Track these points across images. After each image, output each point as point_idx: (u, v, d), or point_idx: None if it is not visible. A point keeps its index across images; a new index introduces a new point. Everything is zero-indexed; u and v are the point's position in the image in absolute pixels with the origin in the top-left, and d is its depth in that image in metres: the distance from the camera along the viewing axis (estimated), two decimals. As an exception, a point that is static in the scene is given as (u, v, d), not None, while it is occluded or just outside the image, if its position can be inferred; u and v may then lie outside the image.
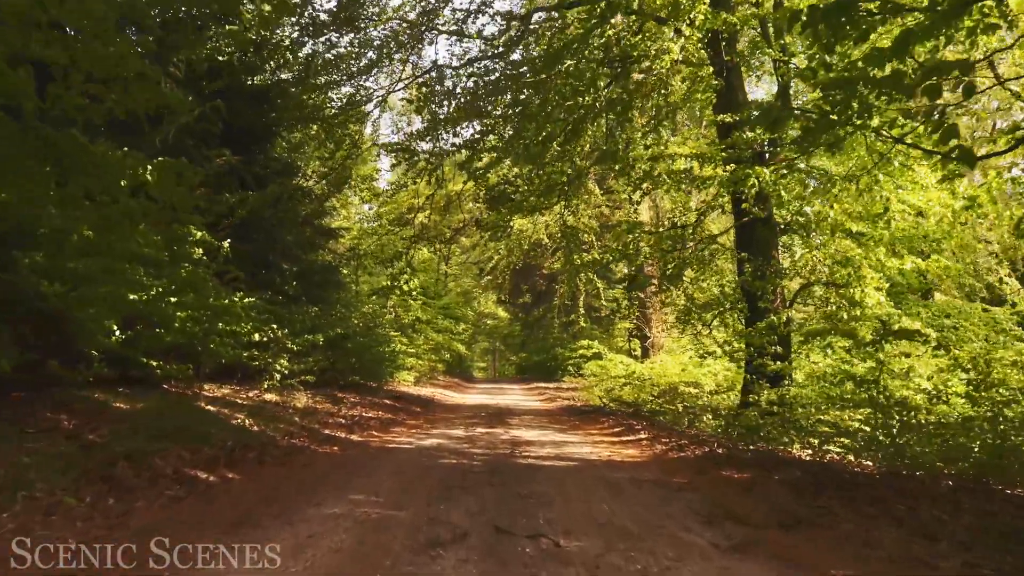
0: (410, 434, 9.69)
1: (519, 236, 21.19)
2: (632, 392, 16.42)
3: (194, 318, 8.69)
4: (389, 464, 6.73)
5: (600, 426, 11.60)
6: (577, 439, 9.53)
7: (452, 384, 24.40)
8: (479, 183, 14.73)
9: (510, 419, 12.74)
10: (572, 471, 6.56)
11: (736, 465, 6.75)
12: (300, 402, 11.14)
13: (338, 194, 14.27)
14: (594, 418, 12.89)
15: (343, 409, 11.59)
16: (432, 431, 10.14)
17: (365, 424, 10.36)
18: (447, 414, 13.87)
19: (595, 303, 28.03)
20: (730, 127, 11.01)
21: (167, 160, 6.64)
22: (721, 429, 10.65)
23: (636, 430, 10.30)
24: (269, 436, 7.74)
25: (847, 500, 4.96)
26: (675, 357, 17.05)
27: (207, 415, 8.04)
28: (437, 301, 27.01)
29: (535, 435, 9.90)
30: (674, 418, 11.68)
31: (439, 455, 7.48)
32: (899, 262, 11.39)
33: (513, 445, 8.53)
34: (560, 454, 7.85)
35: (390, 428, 10.38)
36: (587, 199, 17.62)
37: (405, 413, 13.09)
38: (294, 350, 11.87)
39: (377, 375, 16.59)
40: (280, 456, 6.77)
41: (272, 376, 11.33)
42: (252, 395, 10.75)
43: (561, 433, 10.42)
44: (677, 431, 10.20)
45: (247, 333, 9.66)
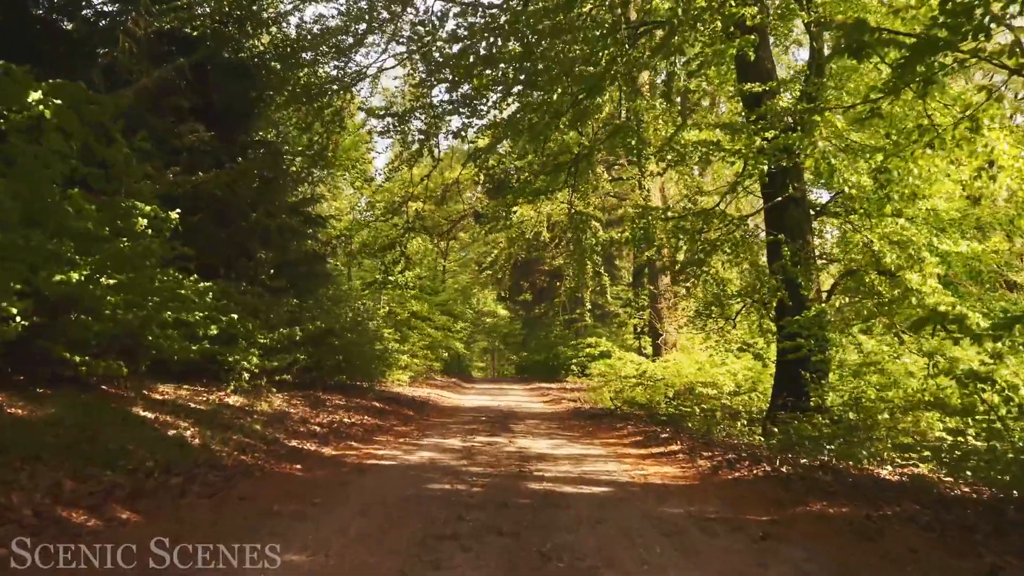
0: (396, 445, 7.87)
1: (520, 226, 19.37)
2: (644, 393, 14.63)
3: (130, 303, 6.88)
4: (360, 493, 4.92)
5: (618, 433, 9.79)
6: (597, 451, 7.73)
7: (449, 384, 22.57)
8: (479, 164, 12.97)
9: (514, 424, 10.93)
10: (607, 504, 4.75)
11: (819, 492, 4.96)
12: (271, 405, 9.33)
13: (320, 170, 12.46)
14: (609, 424, 11.09)
15: (322, 414, 9.77)
16: (423, 441, 8.33)
17: (344, 432, 8.55)
18: (443, 418, 12.06)
19: (599, 300, 26.21)
20: (759, 98, 9.40)
21: (64, 82, 4.85)
22: (764, 437, 8.86)
23: (663, 439, 8.50)
24: (212, 453, 5.92)
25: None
26: (691, 355, 15.23)
27: (136, 425, 6.22)
28: (434, 297, 25.18)
29: (546, 446, 8.10)
30: (704, 424, 9.86)
31: (428, 477, 5.67)
32: (955, 245, 9.65)
33: (521, 461, 6.72)
34: (583, 474, 6.04)
35: (374, 437, 8.56)
36: (594, 184, 15.81)
37: (395, 418, 11.28)
38: (267, 346, 10.06)
39: (367, 374, 14.78)
40: (215, 483, 4.94)
41: (239, 376, 9.52)
42: (214, 398, 8.95)
43: (576, 443, 8.62)
44: (712, 441, 8.41)
45: (202, 324, 7.83)
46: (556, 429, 10.48)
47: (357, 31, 11.93)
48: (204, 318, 7.74)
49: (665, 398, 13.57)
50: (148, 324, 6.95)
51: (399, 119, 10.95)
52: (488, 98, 11.52)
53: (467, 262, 31.13)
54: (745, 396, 12.65)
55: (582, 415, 13.33)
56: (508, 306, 33.51)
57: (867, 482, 5.30)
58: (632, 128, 12.07)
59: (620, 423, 11.06)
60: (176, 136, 10.76)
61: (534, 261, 30.10)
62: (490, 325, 34.85)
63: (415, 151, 11.35)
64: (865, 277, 10.42)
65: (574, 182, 13.44)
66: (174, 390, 8.83)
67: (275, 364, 9.81)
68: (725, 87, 13.87)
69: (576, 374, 23.38)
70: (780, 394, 10.15)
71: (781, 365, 10.51)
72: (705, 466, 6.44)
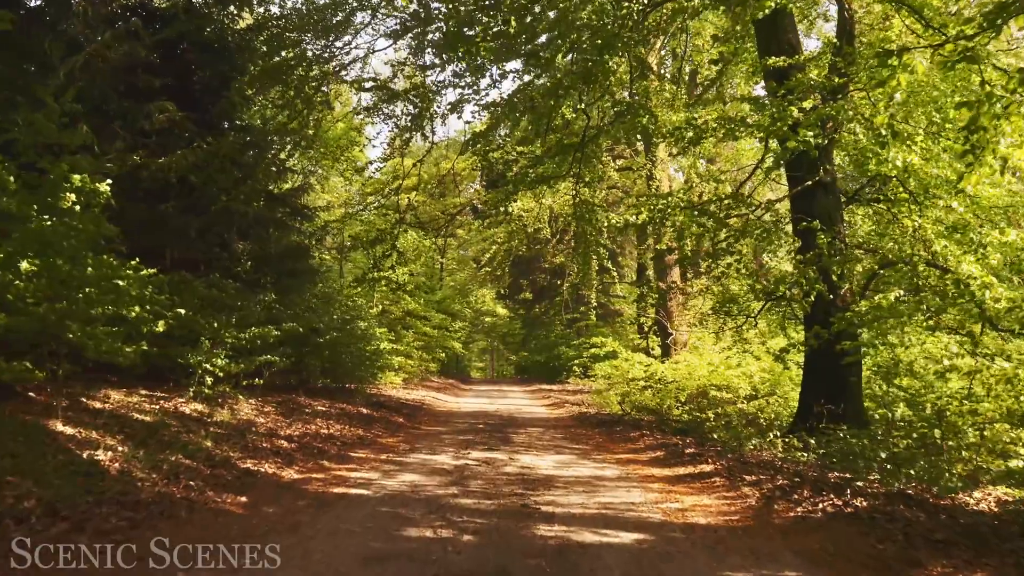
0: (376, 464, 6.50)
1: (521, 220, 17.99)
2: (655, 397, 13.26)
3: (51, 293, 5.54)
4: (306, 555, 3.55)
5: (633, 446, 8.45)
6: (613, 472, 6.36)
7: (446, 386, 21.19)
8: (476, 152, 11.65)
9: (514, 434, 9.58)
10: (645, 561, 3.39)
11: (924, 540, 3.61)
12: (235, 415, 7.97)
13: (302, 152, 11.09)
14: (621, 433, 9.74)
15: (295, 424, 8.40)
16: (409, 459, 6.95)
17: (316, 448, 7.17)
18: (435, 426, 10.70)
19: (602, 299, 24.85)
20: (784, 73, 8.20)
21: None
22: (801, 451, 7.48)
23: (689, 456, 7.14)
24: (131, 482, 4.55)
25: None
26: (702, 356, 13.84)
27: (40, 445, 4.85)
28: (431, 295, 23.80)
29: (553, 464, 6.74)
30: (728, 434, 8.47)
31: (406, 518, 4.30)
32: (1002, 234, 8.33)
33: (525, 488, 5.36)
34: (604, 509, 4.68)
35: (351, 453, 7.19)
36: (601, 173, 14.41)
37: (381, 426, 9.91)
38: (237, 346, 8.70)
39: (357, 377, 13.43)
40: (115, 529, 3.58)
41: (201, 380, 8.17)
42: (169, 406, 7.60)
43: (587, 459, 7.26)
44: (745, 457, 7.05)
45: (146, 321, 6.46)
46: (562, 440, 9.12)
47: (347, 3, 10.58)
48: (146, 313, 6.36)
49: (676, 402, 12.22)
50: (68, 319, 5.58)
51: (387, 94, 9.58)
52: (487, 70, 10.21)
53: (465, 260, 29.73)
54: (762, 401, 11.33)
55: (588, 421, 11.99)
56: (507, 305, 32.14)
57: (973, 519, 3.95)
58: (643, 106, 10.78)
59: (633, 432, 9.72)
60: (144, 116, 9.43)
61: (534, 259, 28.73)
62: (489, 324, 33.47)
63: (407, 129, 9.97)
64: (903, 267, 9.04)
65: (580, 168, 12.12)
66: (124, 396, 7.48)
67: (242, 367, 8.44)
68: (742, 66, 12.58)
69: (578, 375, 22.04)
70: (811, 400, 8.91)
71: (812, 368, 9.26)
72: (753, 496, 5.09)
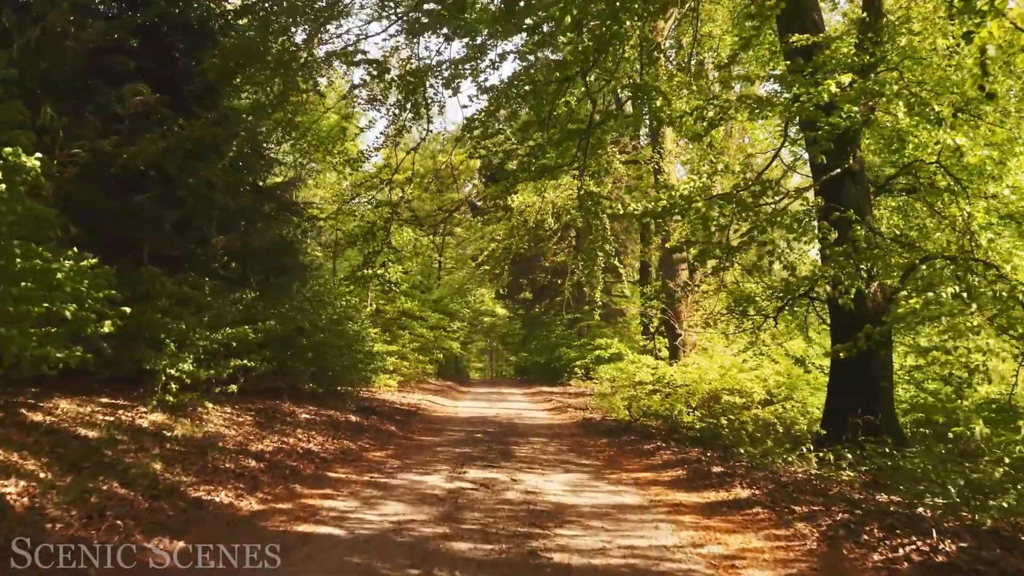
0: (356, 488, 5.51)
1: (522, 215, 16.99)
2: (665, 402, 12.27)
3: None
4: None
5: (649, 461, 7.47)
6: (634, 499, 5.38)
7: (444, 388, 20.19)
8: (474, 138, 10.67)
9: (516, 445, 8.60)
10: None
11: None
12: (200, 427, 6.98)
13: (283, 134, 10.10)
14: (633, 445, 8.76)
15: (271, 436, 7.41)
16: (395, 480, 5.96)
17: (290, 467, 6.18)
18: (429, 436, 9.72)
19: (604, 298, 23.83)
20: (808, 52, 7.37)
21: None
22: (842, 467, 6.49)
23: (717, 476, 6.16)
24: (38, 522, 3.56)
25: None
26: (712, 358, 12.83)
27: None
28: (428, 295, 22.79)
29: (561, 487, 5.75)
30: (761, 450, 7.48)
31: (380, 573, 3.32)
32: None
33: (531, 524, 4.38)
34: (631, 558, 3.70)
35: (330, 473, 6.20)
36: (608, 164, 13.43)
37: (370, 436, 8.93)
38: (209, 348, 7.72)
39: (347, 380, 12.44)
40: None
41: (165, 386, 7.19)
42: (129, 416, 6.63)
43: (600, 480, 6.27)
44: (779, 477, 6.07)
45: (87, 320, 5.48)
46: (569, 453, 8.14)
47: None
48: (86, 311, 5.37)
49: (687, 408, 11.25)
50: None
51: (379, 68, 8.58)
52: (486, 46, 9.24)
53: (464, 259, 28.70)
54: (778, 406, 10.38)
55: (594, 429, 11.01)
56: (507, 304, 31.13)
57: None
58: (655, 87, 9.82)
59: (646, 444, 8.74)
60: (118, 100, 8.47)
61: (534, 258, 27.74)
62: (488, 324, 32.47)
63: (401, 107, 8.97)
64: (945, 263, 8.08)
65: (585, 158, 11.14)
66: (77, 407, 6.51)
67: (212, 372, 7.44)
68: (760, 50, 11.62)
69: (580, 377, 21.05)
70: (839, 407, 8.01)
71: (839, 372, 8.36)
72: (811, 535, 4.11)
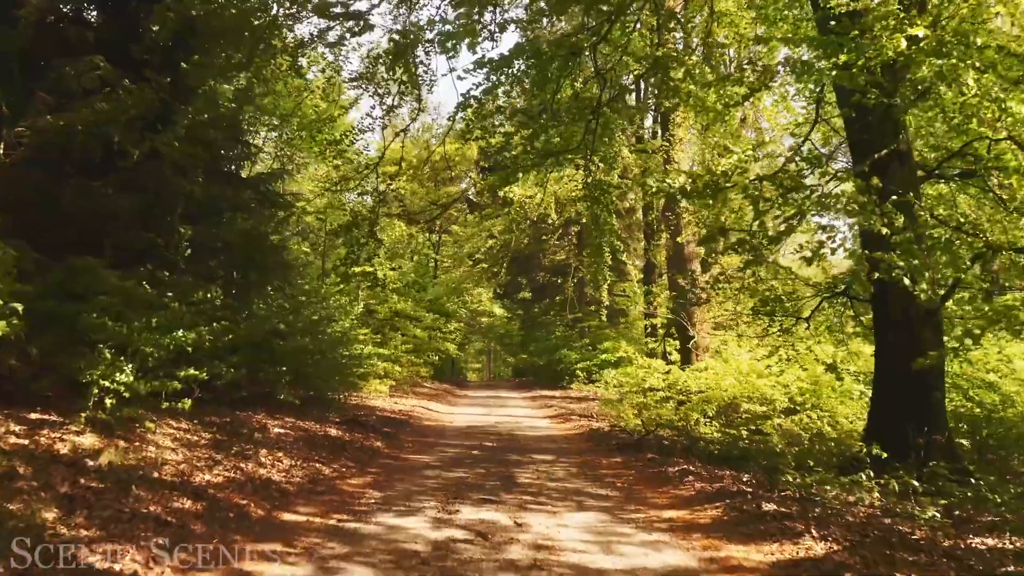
0: (314, 543, 4.22)
1: (523, 208, 15.73)
2: (680, 411, 10.99)
3: None
4: None
5: (677, 491, 6.21)
6: (679, 557, 4.11)
7: (439, 392, 18.91)
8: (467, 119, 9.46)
9: (519, 468, 7.33)
10: None
11: None
12: (142, 449, 5.70)
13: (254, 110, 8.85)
14: (654, 467, 7.48)
15: (227, 459, 6.13)
16: (369, 525, 4.67)
17: (239, 505, 4.89)
18: (419, 453, 8.44)
19: (605, 299, 22.60)
20: (854, 14, 6.19)
21: None
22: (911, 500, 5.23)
23: (769, 515, 4.90)
24: None
25: None
26: (729, 362, 11.56)
27: None
28: (423, 294, 21.50)
29: (578, 537, 4.49)
30: (814, 479, 6.18)
31: None
32: None
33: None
34: None
35: (285, 515, 4.90)
36: (617, 149, 12.16)
37: (350, 456, 7.65)
38: (157, 356, 6.45)
39: (332, 387, 11.19)
40: None
41: (97, 401, 5.92)
42: (50, 438, 5.37)
43: (624, 523, 5.00)
44: (852, 516, 4.82)
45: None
46: (580, 479, 6.86)
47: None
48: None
49: (704, 417, 10.01)
50: None
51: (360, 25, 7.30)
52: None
53: (460, 257, 27.42)
54: (803, 415, 9.17)
55: (605, 443, 9.76)
56: (505, 304, 29.85)
57: None
58: (675, 57, 8.58)
59: (666, 463, 7.48)
60: (73, 76, 7.27)
61: (533, 256, 26.50)
62: (486, 325, 31.20)
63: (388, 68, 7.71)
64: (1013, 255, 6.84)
65: (594, 140, 9.89)
66: None
67: (155, 384, 6.14)
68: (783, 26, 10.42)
69: (582, 380, 19.81)
70: (887, 422, 6.86)
71: (885, 380, 7.22)
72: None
